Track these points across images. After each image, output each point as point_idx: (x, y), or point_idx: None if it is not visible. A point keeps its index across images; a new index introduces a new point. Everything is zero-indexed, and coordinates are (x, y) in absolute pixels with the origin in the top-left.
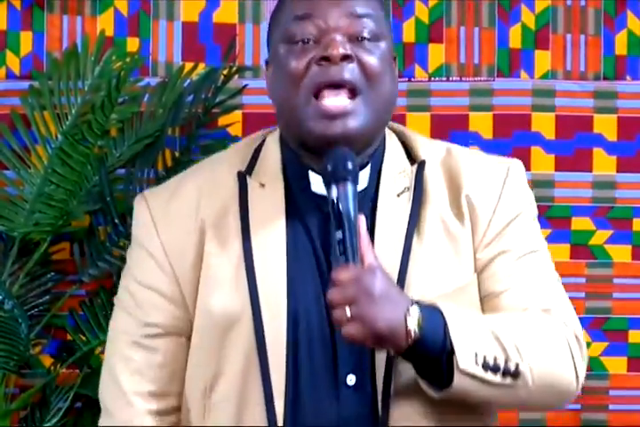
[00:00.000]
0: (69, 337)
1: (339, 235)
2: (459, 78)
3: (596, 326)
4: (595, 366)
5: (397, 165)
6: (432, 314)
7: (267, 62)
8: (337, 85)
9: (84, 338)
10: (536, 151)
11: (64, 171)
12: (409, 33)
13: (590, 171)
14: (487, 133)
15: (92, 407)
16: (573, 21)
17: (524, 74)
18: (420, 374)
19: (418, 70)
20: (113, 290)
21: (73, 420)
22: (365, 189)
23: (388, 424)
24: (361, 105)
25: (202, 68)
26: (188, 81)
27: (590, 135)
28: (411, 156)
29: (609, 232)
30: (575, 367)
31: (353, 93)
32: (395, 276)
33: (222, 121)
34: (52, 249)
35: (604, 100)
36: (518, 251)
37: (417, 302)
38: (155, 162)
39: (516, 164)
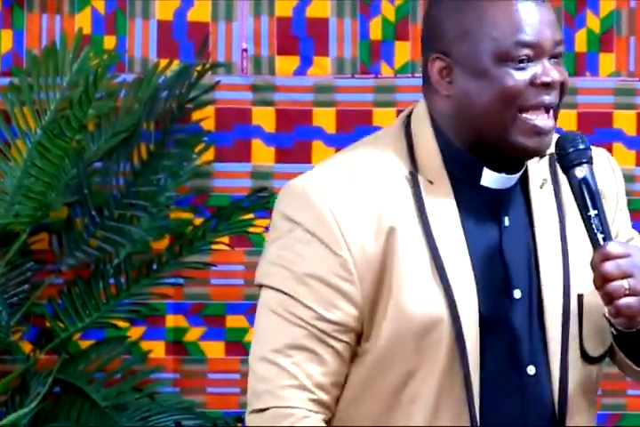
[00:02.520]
0: (48, 324)
1: (594, 212)
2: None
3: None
4: None
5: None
6: None
7: (438, 58)
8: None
9: (62, 325)
10: None
11: (43, 164)
12: (375, 31)
13: None
14: None
15: (69, 392)
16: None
17: None
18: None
19: (384, 67)
20: (90, 279)
21: (51, 404)
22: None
23: (566, 415)
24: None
25: (176, 64)
26: (163, 77)
27: None
28: None
29: None
30: None
31: (553, 113)
32: (560, 267)
33: (196, 116)
34: (31, 240)
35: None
36: (638, 237)
37: None
38: (130, 155)
39: (607, 152)
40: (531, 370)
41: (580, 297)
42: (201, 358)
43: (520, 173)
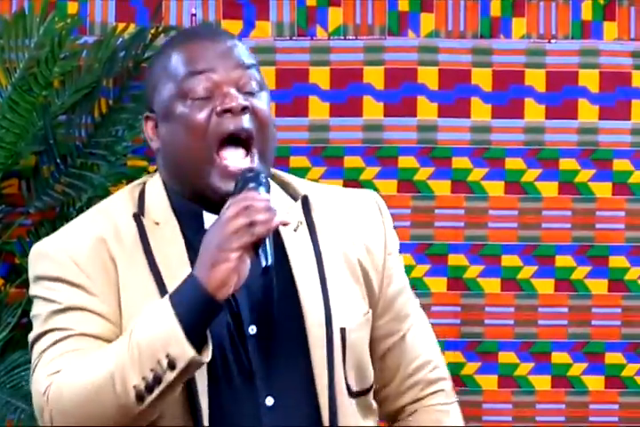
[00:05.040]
0: (17, 261)
1: None
2: (354, 37)
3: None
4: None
5: (283, 203)
6: None
7: (147, 117)
8: (236, 140)
9: None
10: (421, 100)
11: (13, 117)
12: None
13: (469, 117)
14: (379, 85)
15: None
16: None
17: (411, 33)
18: None
19: (319, 30)
20: (56, 220)
21: (20, 333)
22: None
23: None
24: (256, 158)
25: (132, 28)
26: (121, 39)
27: (469, 86)
28: (290, 193)
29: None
30: None
31: (249, 146)
32: (321, 306)
33: None
34: (2, 185)
35: (481, 56)
36: (408, 288)
37: None
38: (92, 109)
39: (376, 194)
40: (269, 401)
41: (343, 331)
42: None
43: None
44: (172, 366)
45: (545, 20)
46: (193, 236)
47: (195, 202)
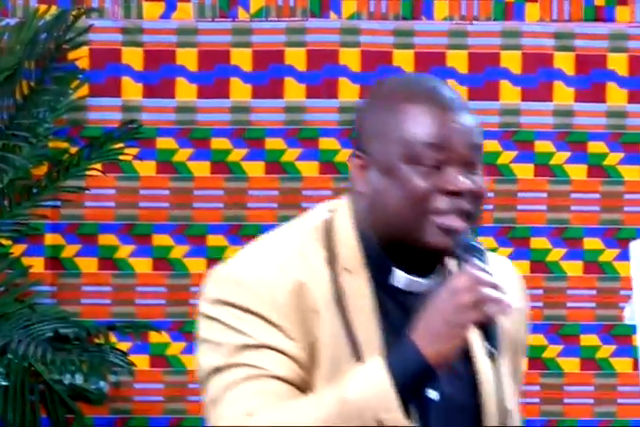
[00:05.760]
0: None
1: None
2: (276, 19)
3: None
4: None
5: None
6: None
7: (357, 157)
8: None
9: None
10: (342, 82)
11: None
12: None
13: None
14: (301, 67)
15: None
16: None
17: (333, 15)
18: None
19: (241, 11)
20: None
21: None
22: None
23: None
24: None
25: (54, 9)
26: (43, 21)
27: (391, 67)
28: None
29: None
30: None
31: (468, 218)
32: (492, 378)
33: (71, 55)
34: None
35: (403, 38)
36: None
37: None
38: (13, 91)
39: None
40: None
41: (509, 413)
42: (76, 273)
43: (432, 277)
44: None
45: (467, 2)
46: (377, 287)
47: (385, 251)
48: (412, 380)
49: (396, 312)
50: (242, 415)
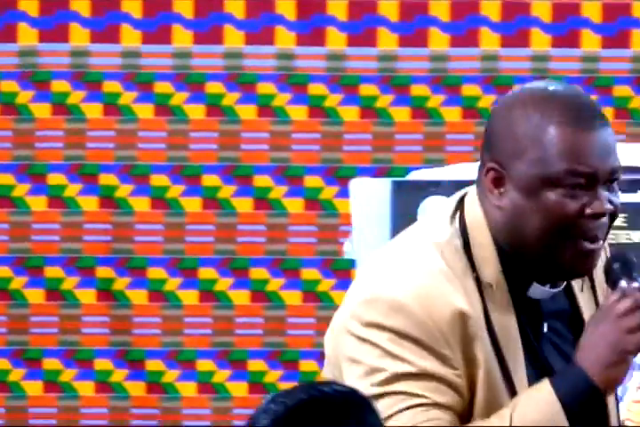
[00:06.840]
0: None
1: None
2: None
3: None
4: None
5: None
6: None
7: (493, 169)
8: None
9: None
10: (279, 30)
11: None
12: None
13: (324, 45)
14: (240, 15)
15: None
16: None
17: None
18: None
19: None
20: None
21: None
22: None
23: None
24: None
25: None
26: None
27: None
28: None
29: None
30: None
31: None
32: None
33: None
34: None
35: None
36: None
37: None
38: None
39: None
40: None
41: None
42: None
43: (563, 285)
44: None
45: None
46: (515, 301)
47: (523, 265)
48: (584, 407)
49: (529, 324)
50: None
